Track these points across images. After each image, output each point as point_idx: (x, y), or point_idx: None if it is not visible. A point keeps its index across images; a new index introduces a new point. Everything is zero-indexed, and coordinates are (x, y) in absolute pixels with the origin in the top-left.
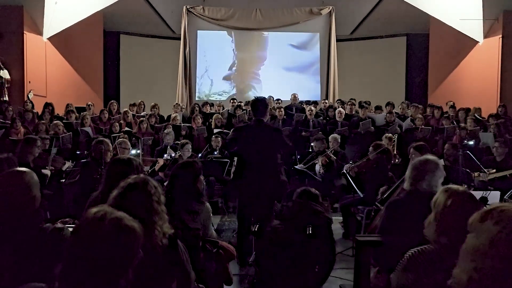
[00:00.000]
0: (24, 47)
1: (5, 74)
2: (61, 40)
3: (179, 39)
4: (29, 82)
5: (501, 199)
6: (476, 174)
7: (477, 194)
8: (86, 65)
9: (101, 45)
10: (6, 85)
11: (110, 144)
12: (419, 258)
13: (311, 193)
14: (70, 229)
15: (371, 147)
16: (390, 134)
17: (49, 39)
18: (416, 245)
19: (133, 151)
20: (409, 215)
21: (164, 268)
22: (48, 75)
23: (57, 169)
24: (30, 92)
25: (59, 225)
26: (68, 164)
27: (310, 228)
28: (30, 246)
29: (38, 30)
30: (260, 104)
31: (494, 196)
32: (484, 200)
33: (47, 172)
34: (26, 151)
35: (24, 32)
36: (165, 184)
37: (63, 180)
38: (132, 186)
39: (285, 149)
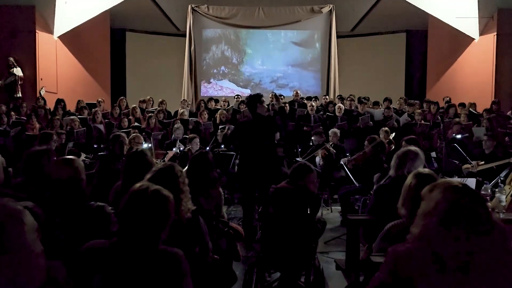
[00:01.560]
0: (36, 45)
1: (18, 71)
2: (71, 38)
3: (184, 36)
4: (41, 79)
5: (480, 187)
6: (465, 165)
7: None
8: (94, 62)
9: (108, 43)
10: (19, 82)
11: (127, 138)
12: (393, 229)
13: (306, 167)
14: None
15: (366, 141)
16: (386, 128)
17: (60, 37)
18: None
19: (145, 145)
20: (393, 197)
21: (189, 236)
22: (58, 72)
23: None
24: (42, 88)
25: (100, 203)
26: (82, 156)
27: (309, 209)
28: (81, 219)
29: (49, 29)
30: (252, 100)
31: (470, 183)
32: None
33: None
34: (45, 145)
35: (36, 31)
36: None
37: None
38: (163, 171)
39: (277, 130)
